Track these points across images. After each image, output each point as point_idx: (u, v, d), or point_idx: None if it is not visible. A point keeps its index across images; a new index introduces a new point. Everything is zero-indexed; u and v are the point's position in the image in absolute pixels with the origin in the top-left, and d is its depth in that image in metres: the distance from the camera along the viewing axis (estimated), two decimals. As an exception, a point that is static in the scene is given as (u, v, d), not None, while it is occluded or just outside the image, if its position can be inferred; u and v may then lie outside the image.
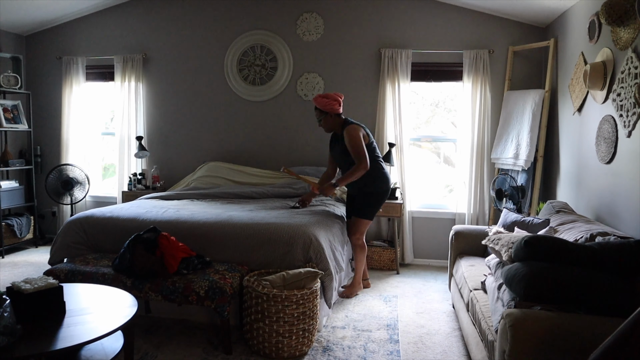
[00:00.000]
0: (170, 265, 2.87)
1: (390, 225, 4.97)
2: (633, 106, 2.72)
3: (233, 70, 5.25)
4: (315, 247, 3.10)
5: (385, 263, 4.74)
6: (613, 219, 2.99)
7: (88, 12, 5.47)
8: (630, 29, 2.79)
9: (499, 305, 2.26)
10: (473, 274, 3.04)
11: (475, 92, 4.74)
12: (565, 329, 1.83)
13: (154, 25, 5.40)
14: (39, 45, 5.67)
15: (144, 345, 2.89)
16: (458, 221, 4.86)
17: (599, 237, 2.36)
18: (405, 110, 4.86)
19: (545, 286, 1.97)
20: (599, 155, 3.19)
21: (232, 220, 3.34)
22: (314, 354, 2.86)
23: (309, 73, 5.13)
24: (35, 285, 2.15)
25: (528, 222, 3.11)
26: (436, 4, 4.85)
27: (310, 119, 5.15)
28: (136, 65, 5.35)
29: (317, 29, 5.09)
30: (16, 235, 5.17)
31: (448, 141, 5.31)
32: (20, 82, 5.27)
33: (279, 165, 5.20)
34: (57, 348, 1.89)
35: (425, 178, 5.41)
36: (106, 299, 2.41)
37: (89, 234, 3.47)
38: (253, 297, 2.76)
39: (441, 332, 3.23)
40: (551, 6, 4.09)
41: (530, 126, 4.27)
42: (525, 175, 4.37)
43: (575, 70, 3.71)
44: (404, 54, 4.82)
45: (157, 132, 5.48)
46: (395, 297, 3.92)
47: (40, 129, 5.67)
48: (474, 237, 3.53)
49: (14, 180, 5.43)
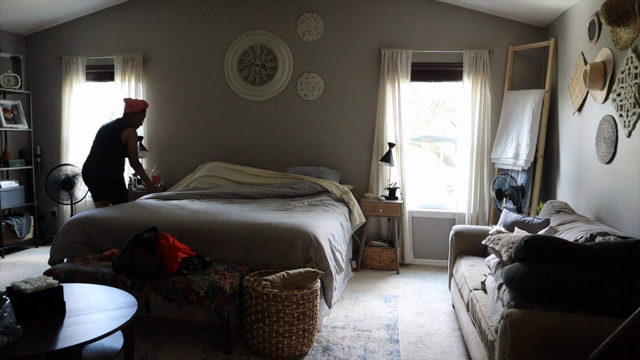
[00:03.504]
0: (170, 265, 2.86)
1: (390, 225, 4.97)
2: (633, 106, 2.72)
3: (233, 70, 5.25)
4: (315, 247, 3.10)
5: (385, 263, 4.74)
6: (613, 219, 2.99)
7: (88, 12, 5.47)
8: (630, 29, 2.79)
9: (499, 305, 2.26)
10: (473, 274, 3.04)
11: (475, 92, 4.74)
12: (565, 329, 1.83)
13: (154, 25, 5.40)
14: (39, 45, 5.67)
15: (144, 345, 2.89)
16: (458, 221, 4.86)
17: (599, 237, 2.35)
18: (405, 110, 4.86)
19: (545, 286, 1.97)
20: (599, 155, 3.19)
21: (232, 220, 3.34)
22: (314, 354, 2.86)
23: (309, 73, 5.13)
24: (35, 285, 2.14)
25: (528, 222, 3.11)
26: (436, 4, 4.85)
27: (310, 119, 5.17)
28: (136, 65, 5.35)
29: (317, 29, 5.09)
30: (16, 235, 5.17)
31: (448, 141, 5.31)
32: (20, 82, 5.27)
33: (279, 165, 5.21)
34: (57, 348, 1.89)
35: (425, 178, 5.41)
36: (106, 299, 2.41)
37: (89, 234, 3.47)
38: (253, 297, 2.76)
39: (441, 332, 3.23)
40: (551, 6, 4.09)
41: (530, 126, 4.27)
42: (525, 175, 4.37)
43: (575, 70, 3.71)
44: (404, 54, 4.82)
45: (157, 132, 5.48)
46: (395, 297, 3.92)
47: (40, 129, 5.67)
48: (474, 237, 3.53)
49: (14, 180, 5.43)
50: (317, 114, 5.15)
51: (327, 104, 5.13)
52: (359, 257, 4.76)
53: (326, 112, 5.13)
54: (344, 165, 5.12)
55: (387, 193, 4.79)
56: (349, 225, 4.20)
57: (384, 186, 4.96)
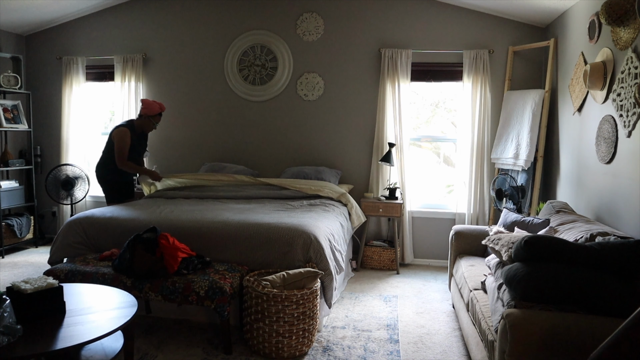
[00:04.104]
0: (170, 265, 2.86)
1: (390, 225, 4.97)
2: (633, 106, 2.72)
3: (233, 70, 5.25)
4: (315, 247, 3.09)
5: (385, 263, 4.74)
6: (613, 219, 2.99)
7: (88, 12, 5.48)
8: (630, 29, 2.79)
9: (499, 305, 2.26)
10: (473, 274, 3.04)
11: (475, 92, 4.74)
12: (565, 329, 1.83)
13: (154, 25, 5.40)
14: (39, 45, 5.68)
15: (144, 345, 2.89)
16: (458, 221, 4.86)
17: (599, 237, 2.35)
18: (405, 110, 4.86)
19: (545, 286, 1.97)
20: (599, 155, 3.19)
21: (232, 220, 3.34)
22: (314, 354, 2.86)
23: (309, 73, 5.13)
24: (35, 285, 2.14)
25: (528, 222, 3.11)
26: (436, 4, 4.85)
27: (310, 119, 5.17)
28: (136, 65, 5.35)
29: (317, 29, 5.09)
30: (16, 235, 5.17)
31: (448, 141, 5.31)
32: (20, 82, 5.27)
33: (279, 165, 5.21)
34: (57, 348, 1.89)
35: (425, 178, 5.41)
36: (106, 299, 2.41)
37: (89, 234, 3.47)
38: (253, 297, 2.76)
39: (441, 332, 3.23)
40: (551, 6, 4.09)
41: (530, 126, 4.27)
42: (525, 175, 4.37)
43: (575, 70, 3.71)
44: (404, 54, 4.82)
45: (157, 132, 5.46)
46: (395, 297, 3.92)
47: (40, 129, 5.67)
48: (474, 237, 3.53)
49: (14, 180, 5.43)
50: (317, 114, 5.15)
51: (327, 104, 5.13)
52: (359, 257, 4.76)
53: (326, 112, 5.13)
54: (344, 165, 5.12)
55: (387, 193, 4.79)
56: (348, 225, 4.20)
57: (384, 186, 4.95)
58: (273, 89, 5.20)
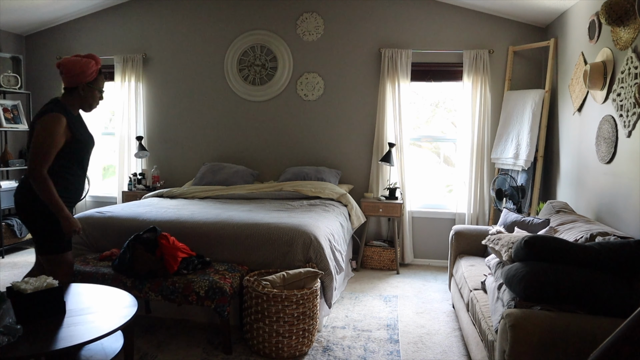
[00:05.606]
0: (170, 265, 2.86)
1: (390, 225, 4.97)
2: (633, 106, 2.72)
3: (233, 70, 5.25)
4: (315, 247, 3.09)
5: (385, 263, 4.74)
6: (613, 219, 2.99)
7: (88, 12, 5.48)
8: (630, 29, 2.79)
9: (499, 305, 2.26)
10: (473, 274, 3.04)
11: (475, 92, 4.74)
12: (565, 329, 1.83)
13: (154, 25, 5.40)
14: (39, 45, 5.68)
15: (144, 345, 2.89)
16: (458, 221, 4.86)
17: (599, 237, 2.35)
18: (405, 110, 4.86)
19: (545, 286, 1.97)
20: (599, 155, 3.19)
21: (232, 221, 3.34)
22: (314, 354, 2.85)
23: (309, 73, 5.13)
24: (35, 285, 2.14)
25: (528, 222, 3.10)
26: (436, 4, 4.85)
27: (310, 119, 5.16)
28: (136, 65, 5.35)
29: (317, 29, 5.09)
30: (16, 235, 5.17)
31: (448, 141, 5.31)
32: (20, 82, 5.27)
33: (279, 165, 5.21)
34: (57, 348, 1.89)
35: (425, 178, 5.41)
36: (106, 299, 2.41)
37: (88, 234, 3.46)
38: (253, 297, 2.76)
39: (441, 332, 3.23)
40: (551, 6, 4.09)
41: (530, 126, 4.27)
42: (525, 175, 4.37)
43: (575, 70, 3.71)
44: (404, 54, 4.82)
45: (157, 132, 5.48)
46: (395, 297, 3.92)
47: (40, 129, 5.66)
48: (474, 237, 3.53)
49: (14, 180, 5.43)
50: (317, 114, 5.15)
51: (327, 104, 5.13)
52: (359, 257, 4.76)
53: (326, 112, 5.13)
54: (344, 165, 5.12)
55: (387, 193, 4.79)
56: (348, 225, 4.20)
57: (384, 186, 4.95)
58: (273, 89, 5.20)
